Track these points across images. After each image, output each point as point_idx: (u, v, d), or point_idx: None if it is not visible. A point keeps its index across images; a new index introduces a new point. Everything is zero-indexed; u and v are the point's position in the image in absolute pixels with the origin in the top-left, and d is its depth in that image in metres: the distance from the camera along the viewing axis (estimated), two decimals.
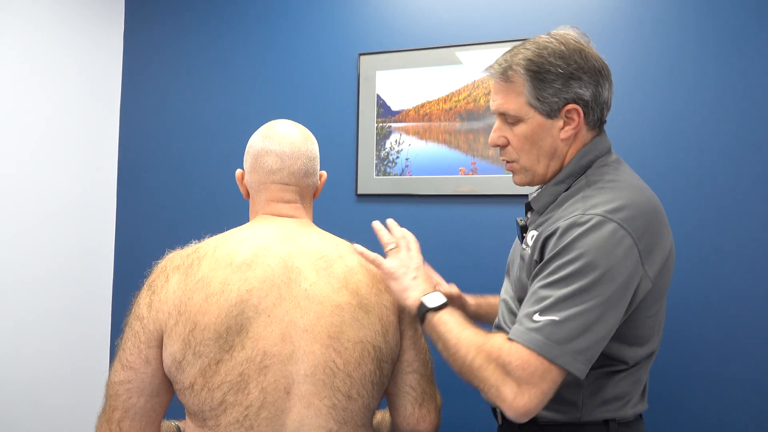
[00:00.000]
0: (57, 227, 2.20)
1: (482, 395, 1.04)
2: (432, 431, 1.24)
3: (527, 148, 1.15)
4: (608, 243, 0.99)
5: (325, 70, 2.17)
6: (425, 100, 2.02)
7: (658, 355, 1.18)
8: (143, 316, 1.08)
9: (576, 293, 0.98)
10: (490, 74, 1.17)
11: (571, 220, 1.03)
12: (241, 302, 1.05)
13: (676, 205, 1.71)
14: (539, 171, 1.17)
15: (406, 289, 1.16)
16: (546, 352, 0.96)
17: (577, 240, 1.00)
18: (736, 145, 1.69)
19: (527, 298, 1.04)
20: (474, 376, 1.02)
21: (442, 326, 1.09)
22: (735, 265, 1.67)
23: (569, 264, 0.99)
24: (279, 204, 1.22)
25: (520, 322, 1.01)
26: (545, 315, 0.98)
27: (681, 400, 1.71)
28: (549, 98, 1.10)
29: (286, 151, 1.22)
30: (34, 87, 2.12)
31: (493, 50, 1.92)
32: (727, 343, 1.67)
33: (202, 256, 1.10)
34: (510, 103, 1.14)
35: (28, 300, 2.09)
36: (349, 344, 1.09)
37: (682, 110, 1.75)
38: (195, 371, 1.04)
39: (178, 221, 2.37)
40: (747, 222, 1.67)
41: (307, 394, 1.06)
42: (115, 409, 1.08)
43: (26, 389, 2.08)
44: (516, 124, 1.15)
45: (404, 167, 2.03)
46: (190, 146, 2.37)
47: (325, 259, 1.14)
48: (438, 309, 1.12)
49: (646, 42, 1.79)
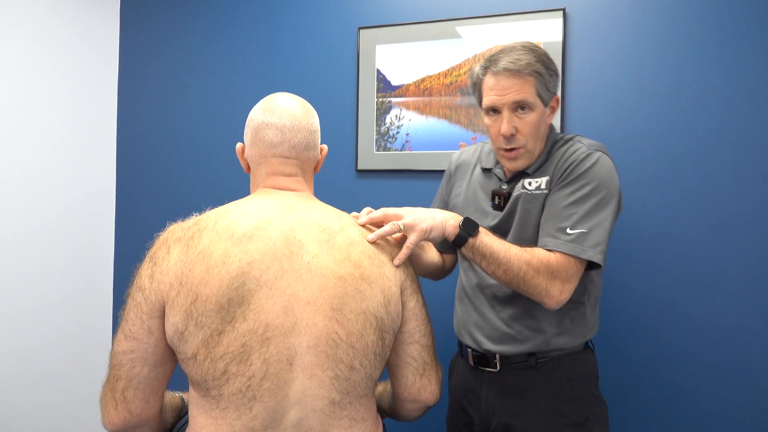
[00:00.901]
0: (57, 208, 2.20)
1: (525, 294, 1.32)
2: (433, 401, 1.26)
3: (534, 132, 1.39)
4: (607, 170, 1.35)
5: (324, 44, 2.16)
6: (425, 74, 2.00)
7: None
8: (145, 287, 1.09)
9: (593, 208, 1.32)
10: (505, 71, 1.35)
11: (582, 154, 1.36)
12: (242, 274, 1.05)
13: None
14: (536, 152, 1.42)
15: (441, 223, 1.29)
16: (581, 254, 1.29)
17: (588, 170, 1.34)
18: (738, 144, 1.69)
19: (553, 214, 1.34)
20: (526, 284, 1.29)
21: (487, 248, 1.29)
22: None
23: (584, 187, 1.33)
24: (280, 177, 1.22)
25: (557, 236, 1.31)
26: (576, 228, 1.30)
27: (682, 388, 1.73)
28: (551, 89, 1.39)
29: (287, 124, 1.21)
30: (32, 82, 2.10)
31: (492, 24, 1.91)
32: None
33: (203, 229, 1.10)
34: (527, 94, 1.36)
35: (29, 283, 2.10)
36: (351, 315, 1.09)
37: (688, 106, 1.74)
38: (197, 342, 1.04)
39: (177, 196, 2.36)
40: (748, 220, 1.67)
41: (310, 366, 1.07)
42: (118, 378, 1.09)
43: (27, 372, 2.10)
44: (527, 113, 1.37)
45: (404, 142, 2.03)
46: (189, 120, 2.36)
47: (326, 232, 1.14)
48: (477, 233, 1.29)
49: (648, 26, 1.78)
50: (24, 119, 2.08)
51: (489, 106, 1.40)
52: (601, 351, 1.81)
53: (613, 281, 1.79)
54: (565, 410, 1.38)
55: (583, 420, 1.38)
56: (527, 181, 1.42)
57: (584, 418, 1.38)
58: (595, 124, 1.81)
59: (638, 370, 1.77)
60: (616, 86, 1.80)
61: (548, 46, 1.85)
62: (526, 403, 1.41)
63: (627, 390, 1.79)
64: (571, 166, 1.36)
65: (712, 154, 1.70)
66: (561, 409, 1.38)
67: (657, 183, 1.75)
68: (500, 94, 1.37)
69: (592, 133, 1.81)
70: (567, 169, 1.36)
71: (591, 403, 1.40)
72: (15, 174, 2.06)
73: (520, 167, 1.42)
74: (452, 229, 1.29)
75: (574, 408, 1.38)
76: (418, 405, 1.26)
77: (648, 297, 1.76)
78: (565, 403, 1.39)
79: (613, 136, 1.80)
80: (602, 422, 1.41)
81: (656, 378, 1.75)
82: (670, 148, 1.74)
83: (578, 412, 1.38)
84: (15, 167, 2.06)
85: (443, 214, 1.30)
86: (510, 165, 1.42)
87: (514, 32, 1.88)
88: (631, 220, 1.77)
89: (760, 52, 1.66)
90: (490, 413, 1.45)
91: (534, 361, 1.41)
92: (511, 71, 1.36)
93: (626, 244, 1.78)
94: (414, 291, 1.22)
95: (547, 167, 1.42)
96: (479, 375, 1.48)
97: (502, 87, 1.37)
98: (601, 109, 1.81)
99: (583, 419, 1.38)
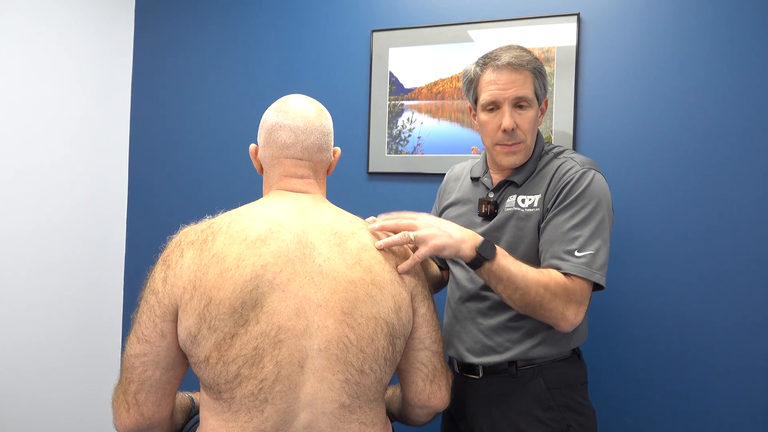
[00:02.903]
0: (69, 207, 2.21)
1: (538, 318, 1.30)
2: (442, 406, 1.25)
3: (532, 129, 1.41)
4: (603, 188, 1.36)
5: (337, 46, 2.16)
6: (438, 78, 2.00)
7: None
8: (158, 290, 1.09)
9: (596, 230, 1.32)
10: (507, 65, 1.37)
11: (577, 173, 1.36)
12: (256, 277, 1.05)
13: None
14: (530, 151, 1.44)
15: (456, 243, 1.23)
16: (591, 276, 1.29)
17: (585, 190, 1.34)
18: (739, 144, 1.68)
19: (557, 237, 1.33)
20: (542, 308, 1.27)
21: (504, 272, 1.25)
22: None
23: (584, 208, 1.33)
24: (292, 179, 1.22)
25: (567, 259, 1.30)
26: (584, 251, 1.30)
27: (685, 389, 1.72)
28: (544, 89, 1.43)
29: (300, 126, 1.21)
30: (47, 82, 2.12)
31: (506, 29, 1.90)
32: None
33: (216, 232, 1.10)
34: (528, 90, 1.39)
35: (39, 278, 2.11)
36: (362, 320, 1.09)
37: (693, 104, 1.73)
38: (210, 345, 1.04)
39: (190, 197, 2.37)
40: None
41: (321, 369, 1.07)
42: (131, 381, 1.09)
43: (36, 367, 2.11)
44: (526, 110, 1.39)
45: (416, 145, 2.02)
46: (202, 121, 2.37)
47: (338, 236, 1.14)
48: (494, 256, 1.24)
49: (659, 26, 1.77)
50: (37, 119, 2.10)
51: (489, 101, 1.39)
52: (593, 356, 1.77)
53: (614, 286, 1.78)
54: (545, 418, 1.36)
55: (564, 428, 1.35)
56: (520, 198, 1.41)
57: (565, 426, 1.35)
58: (609, 128, 1.80)
59: (631, 376, 1.76)
60: (629, 91, 1.79)
61: (562, 50, 1.84)
62: (506, 410, 1.39)
63: (619, 396, 1.77)
64: (568, 186, 1.35)
65: (725, 157, 1.69)
66: (541, 416, 1.36)
67: (670, 186, 1.73)
68: (502, 89, 1.37)
69: (605, 138, 1.80)
70: (564, 190, 1.35)
71: (574, 411, 1.38)
72: (28, 172, 2.07)
73: (517, 163, 1.42)
74: (469, 251, 1.23)
75: (555, 416, 1.36)
76: (427, 411, 1.26)
77: (657, 300, 1.74)
78: (545, 411, 1.36)
79: (627, 139, 1.79)
80: (588, 430, 1.39)
81: (650, 384, 1.74)
82: (682, 152, 1.73)
83: (558, 420, 1.36)
84: (28, 166, 2.07)
85: (461, 233, 1.24)
86: (507, 160, 1.42)
87: (528, 37, 1.87)
88: (644, 222, 1.76)
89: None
90: (474, 420, 1.44)
91: (515, 369, 1.39)
92: (514, 66, 1.37)
93: (643, 246, 1.76)
94: (425, 297, 1.22)
95: (537, 182, 1.41)
96: (464, 382, 1.46)
97: (505, 81, 1.37)
98: (614, 113, 1.80)
99: (564, 427, 1.35)
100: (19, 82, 2.03)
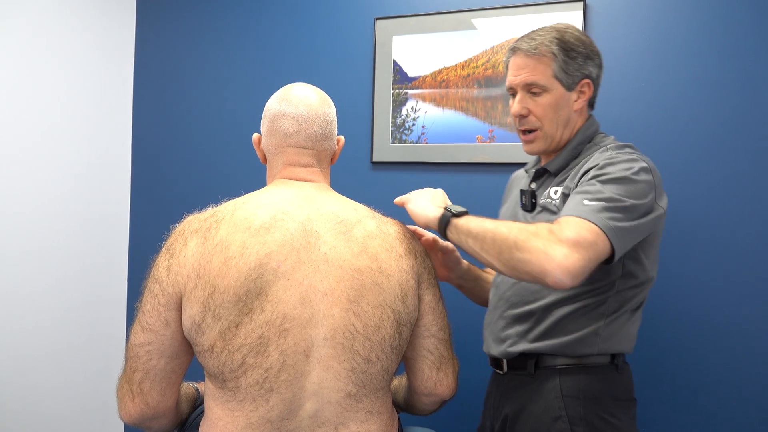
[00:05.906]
0: (73, 198, 2.21)
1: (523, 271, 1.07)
2: (449, 394, 1.25)
3: (551, 116, 1.31)
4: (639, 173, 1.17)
5: (340, 35, 2.14)
6: (442, 66, 1.98)
7: None
8: (162, 279, 1.08)
9: (619, 190, 1.13)
10: (519, 51, 1.32)
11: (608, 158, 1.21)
12: (260, 266, 1.05)
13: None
14: (557, 137, 1.33)
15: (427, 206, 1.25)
16: (597, 221, 1.07)
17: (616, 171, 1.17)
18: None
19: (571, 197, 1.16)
20: (519, 251, 1.06)
21: (473, 222, 1.16)
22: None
23: (612, 173, 1.16)
24: (296, 168, 1.21)
25: (572, 207, 1.12)
26: (595, 200, 1.11)
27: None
28: (573, 72, 1.30)
29: (303, 114, 1.20)
30: (48, 82, 2.11)
31: (510, 17, 1.88)
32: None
33: (220, 220, 1.10)
34: (539, 75, 1.30)
35: (42, 268, 2.11)
36: (368, 308, 1.08)
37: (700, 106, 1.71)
38: (215, 334, 1.04)
39: (193, 187, 2.37)
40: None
41: (327, 357, 1.07)
42: (135, 370, 1.09)
43: (39, 372, 2.11)
44: (540, 95, 1.31)
45: (420, 134, 2.01)
46: (204, 110, 2.36)
47: (344, 224, 1.14)
48: (462, 214, 1.19)
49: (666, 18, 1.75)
50: (40, 119, 2.09)
51: (507, 87, 1.37)
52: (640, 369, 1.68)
53: None
54: (550, 428, 1.22)
55: None
56: (553, 189, 1.31)
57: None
58: (616, 117, 1.79)
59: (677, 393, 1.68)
60: (636, 79, 1.77)
61: None
62: (519, 411, 1.29)
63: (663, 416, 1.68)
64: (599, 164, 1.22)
65: (735, 148, 1.67)
66: (549, 427, 1.23)
67: (679, 177, 1.72)
68: (514, 75, 1.34)
69: (612, 126, 1.78)
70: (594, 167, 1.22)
71: (595, 428, 1.20)
72: (32, 169, 2.06)
73: (537, 151, 1.36)
74: (436, 212, 1.23)
75: (560, 428, 1.21)
76: (434, 399, 1.26)
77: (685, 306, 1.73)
78: (554, 421, 1.22)
79: (634, 129, 1.77)
80: None
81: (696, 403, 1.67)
82: (691, 141, 1.71)
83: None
84: (31, 164, 2.06)
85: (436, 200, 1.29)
86: (526, 147, 1.37)
87: (532, 24, 1.85)
88: None
89: None
90: (497, 416, 1.37)
91: (533, 368, 1.27)
92: (524, 51, 1.32)
93: None
94: (431, 284, 1.21)
95: (566, 173, 1.32)
96: (494, 377, 1.41)
97: (517, 67, 1.33)
98: (621, 101, 1.78)
99: None
100: (20, 81, 2.02)
